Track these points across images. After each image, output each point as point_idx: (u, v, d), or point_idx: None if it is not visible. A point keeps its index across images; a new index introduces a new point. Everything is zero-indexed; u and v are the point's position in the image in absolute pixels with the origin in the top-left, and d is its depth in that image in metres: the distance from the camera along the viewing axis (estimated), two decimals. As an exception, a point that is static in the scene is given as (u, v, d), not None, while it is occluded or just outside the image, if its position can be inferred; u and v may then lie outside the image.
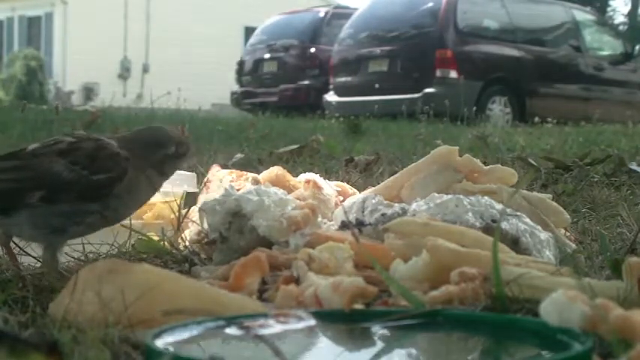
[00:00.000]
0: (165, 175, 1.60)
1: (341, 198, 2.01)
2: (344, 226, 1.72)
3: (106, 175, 1.48)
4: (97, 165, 1.48)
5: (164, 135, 1.60)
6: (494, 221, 1.63)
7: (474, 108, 10.44)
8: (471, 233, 1.53)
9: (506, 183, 1.89)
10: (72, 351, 1.07)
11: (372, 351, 1.11)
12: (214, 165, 2.27)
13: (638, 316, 1.03)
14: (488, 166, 1.96)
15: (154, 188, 1.60)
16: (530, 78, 11.95)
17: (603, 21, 15.95)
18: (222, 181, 2.06)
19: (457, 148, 1.94)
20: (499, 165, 2.02)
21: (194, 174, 2.17)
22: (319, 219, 1.76)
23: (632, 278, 1.27)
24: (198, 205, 1.90)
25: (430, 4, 11.83)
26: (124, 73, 25.16)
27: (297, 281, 1.43)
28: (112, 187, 1.48)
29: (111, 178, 1.48)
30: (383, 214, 1.72)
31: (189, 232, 1.90)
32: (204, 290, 1.28)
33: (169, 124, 6.93)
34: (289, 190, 1.96)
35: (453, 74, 11.20)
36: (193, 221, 1.92)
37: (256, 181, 2.05)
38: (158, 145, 1.57)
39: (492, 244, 1.30)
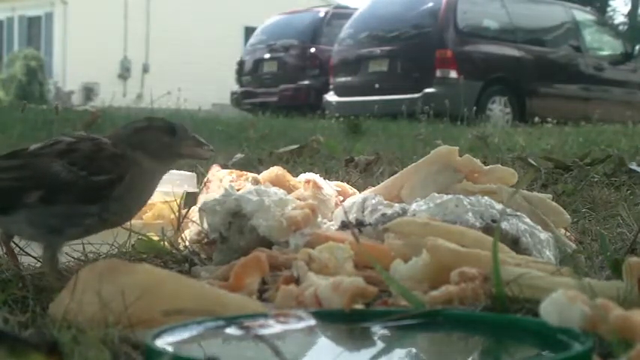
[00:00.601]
0: (165, 157, 1.55)
1: (341, 198, 2.01)
2: (344, 226, 1.72)
3: (105, 177, 1.46)
4: (96, 166, 1.46)
5: (157, 119, 1.57)
6: (494, 221, 1.63)
7: (474, 108, 10.44)
8: (471, 233, 1.53)
9: (506, 183, 1.89)
10: (72, 351, 1.07)
11: (372, 351, 1.11)
12: (214, 165, 2.27)
13: (638, 316, 1.03)
14: (488, 166, 1.96)
15: (155, 178, 1.56)
16: (530, 78, 11.95)
17: (603, 21, 15.94)
18: (222, 181, 2.06)
19: (457, 148, 1.94)
20: (499, 165, 2.02)
21: (194, 174, 2.17)
22: (319, 219, 1.76)
23: (632, 278, 1.27)
24: (198, 205, 1.90)
25: (430, 4, 11.82)
26: (124, 73, 25.16)
27: (297, 281, 1.43)
28: (111, 188, 1.47)
29: (110, 180, 1.46)
30: (383, 214, 1.72)
31: (189, 232, 1.90)
32: (204, 290, 1.28)
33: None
34: (289, 190, 1.96)
35: (453, 74, 11.20)
36: (193, 221, 1.91)
37: (256, 181, 2.05)
38: (151, 128, 1.53)
39: (492, 244, 1.30)
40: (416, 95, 11.15)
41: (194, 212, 1.94)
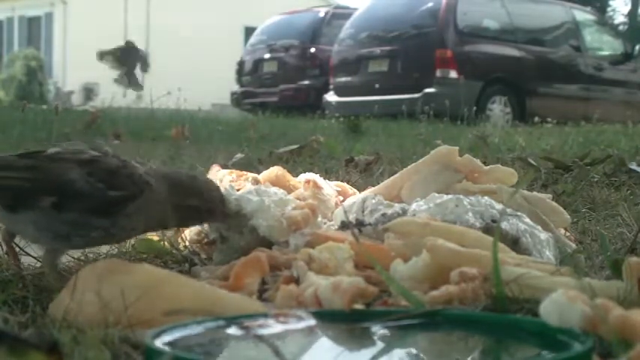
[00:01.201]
0: (182, 221, 1.57)
1: (341, 198, 2.01)
2: (344, 226, 1.72)
3: (121, 193, 1.45)
4: (115, 181, 1.45)
5: (196, 184, 1.56)
6: (494, 221, 1.63)
7: (474, 108, 10.45)
8: (471, 233, 1.53)
9: (506, 183, 1.89)
10: (72, 351, 1.07)
11: (372, 351, 1.11)
12: (214, 165, 2.27)
13: (638, 316, 1.03)
14: (488, 166, 1.96)
15: (165, 224, 1.58)
16: (530, 78, 11.96)
17: (603, 21, 15.94)
18: (222, 181, 2.06)
19: (457, 148, 1.94)
20: (499, 165, 2.02)
21: (194, 174, 2.17)
22: (319, 219, 1.76)
23: (632, 278, 1.27)
24: (199, 205, 1.90)
25: (430, 5, 11.83)
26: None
27: (297, 281, 1.43)
28: (124, 205, 1.45)
29: (125, 197, 1.45)
30: (383, 214, 1.72)
31: (189, 232, 1.90)
32: (204, 290, 1.28)
33: (169, 124, 6.94)
34: (289, 190, 1.96)
35: (453, 74, 11.21)
36: (193, 221, 1.91)
37: (256, 181, 2.05)
38: (187, 192, 1.53)
39: (492, 244, 1.30)
40: (416, 95, 11.16)
41: (194, 212, 1.94)
